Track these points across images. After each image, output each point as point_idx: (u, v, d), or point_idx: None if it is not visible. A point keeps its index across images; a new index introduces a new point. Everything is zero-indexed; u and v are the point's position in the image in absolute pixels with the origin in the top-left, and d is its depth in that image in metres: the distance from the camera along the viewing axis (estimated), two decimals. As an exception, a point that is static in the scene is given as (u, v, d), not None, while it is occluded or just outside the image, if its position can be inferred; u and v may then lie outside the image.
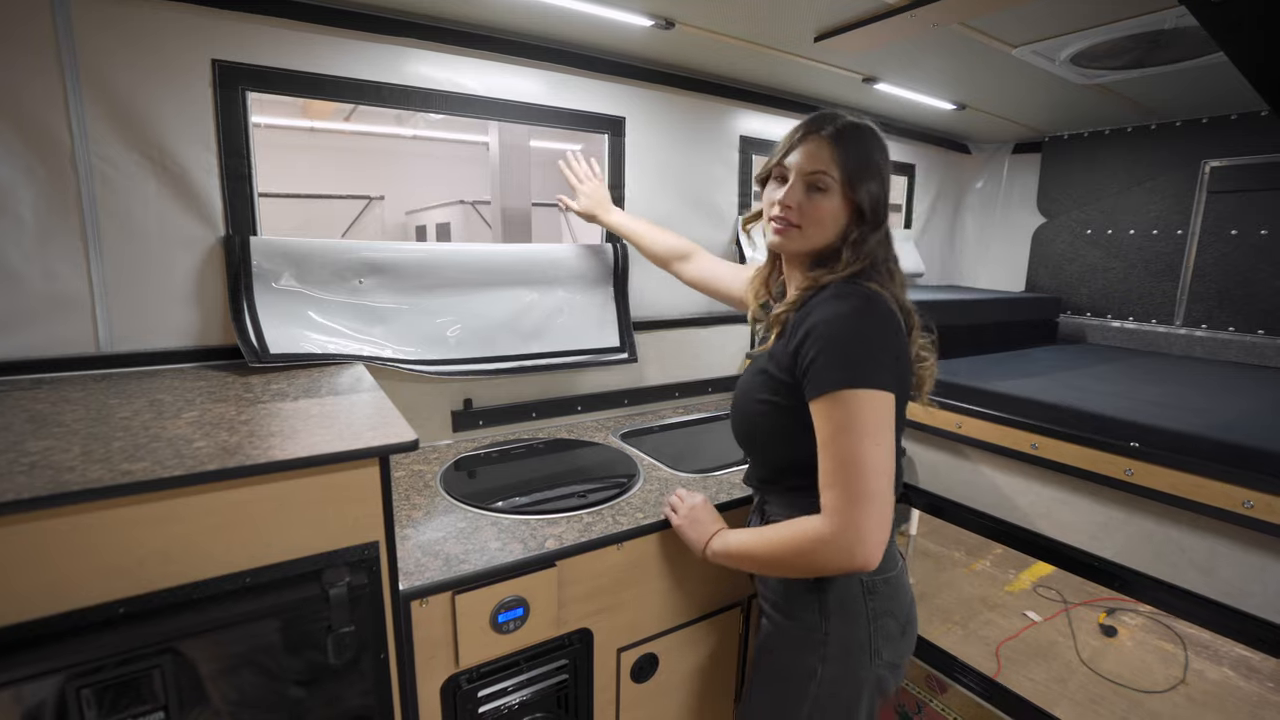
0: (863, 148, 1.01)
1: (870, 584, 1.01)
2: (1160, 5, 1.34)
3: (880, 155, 1.02)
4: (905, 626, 1.04)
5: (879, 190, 1.00)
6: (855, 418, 0.88)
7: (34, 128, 1.17)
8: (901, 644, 1.04)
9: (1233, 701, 2.19)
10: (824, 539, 0.90)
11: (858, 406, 0.88)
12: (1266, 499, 1.16)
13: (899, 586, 1.04)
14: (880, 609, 1.01)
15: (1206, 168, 2.21)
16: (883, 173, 1.02)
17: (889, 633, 1.02)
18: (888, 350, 0.93)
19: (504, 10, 1.46)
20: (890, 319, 0.96)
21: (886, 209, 1.02)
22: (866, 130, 1.02)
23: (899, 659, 1.04)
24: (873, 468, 0.87)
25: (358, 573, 0.92)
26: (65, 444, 0.86)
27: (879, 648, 1.01)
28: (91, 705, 0.75)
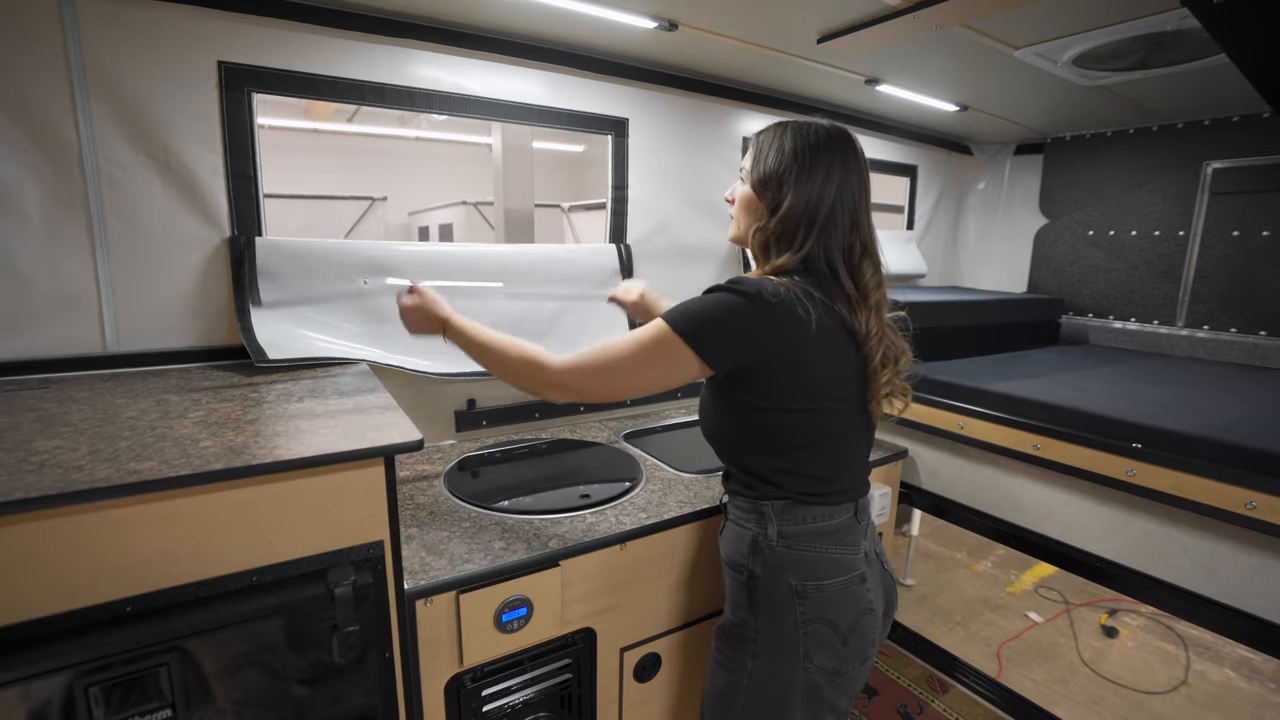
0: (766, 143, 1.04)
1: (800, 588, 1.01)
2: (1162, 7, 1.34)
3: (783, 153, 1.01)
4: (849, 636, 1.01)
5: (780, 185, 1.01)
6: (651, 338, 0.96)
7: (41, 127, 1.18)
8: (844, 652, 1.01)
9: (1234, 702, 2.19)
10: (543, 367, 1.01)
11: (662, 344, 0.96)
12: (1269, 500, 1.17)
13: (843, 595, 1.02)
14: (811, 614, 1.00)
15: (1208, 169, 2.21)
16: (780, 167, 1.01)
17: (822, 639, 1.00)
18: (732, 329, 0.95)
19: (507, 12, 1.47)
20: (753, 306, 0.94)
21: (802, 205, 0.99)
22: (791, 127, 1.03)
23: (840, 667, 1.01)
24: (619, 371, 0.98)
25: (363, 572, 0.93)
26: (73, 443, 0.87)
27: (809, 651, 1.00)
28: (100, 703, 0.76)
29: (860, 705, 2.04)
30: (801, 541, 1.02)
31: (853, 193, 1.01)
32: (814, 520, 1.03)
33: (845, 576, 1.03)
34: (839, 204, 1.00)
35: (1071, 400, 1.52)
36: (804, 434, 1.01)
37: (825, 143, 1.01)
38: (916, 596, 2.78)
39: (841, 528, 1.04)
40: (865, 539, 1.07)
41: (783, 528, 1.03)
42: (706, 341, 0.95)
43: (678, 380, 0.99)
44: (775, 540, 1.03)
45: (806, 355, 0.96)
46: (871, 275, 1.02)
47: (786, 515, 1.03)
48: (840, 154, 1.01)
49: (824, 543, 1.03)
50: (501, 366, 1.07)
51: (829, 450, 1.03)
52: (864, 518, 1.08)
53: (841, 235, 1.00)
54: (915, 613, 2.65)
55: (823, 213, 0.99)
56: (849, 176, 1.01)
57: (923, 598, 2.78)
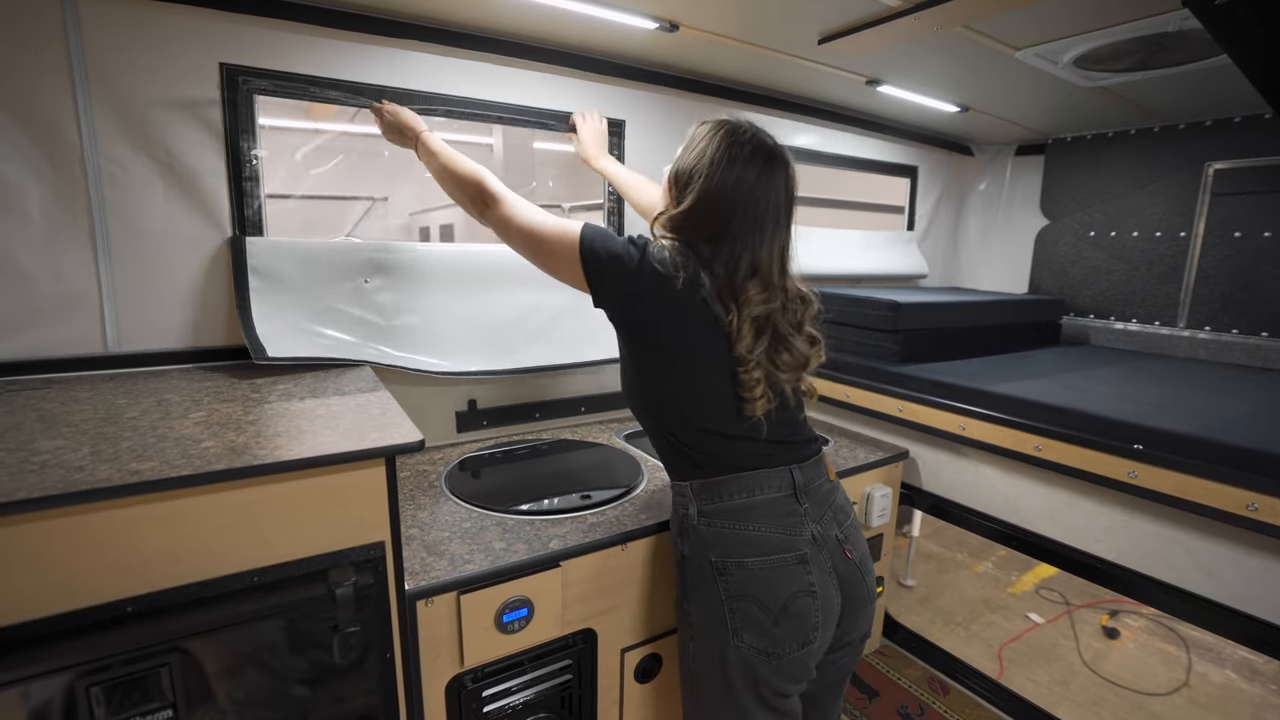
0: (700, 140, 1.07)
1: (720, 565, 1.03)
2: (1164, 8, 1.34)
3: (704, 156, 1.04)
4: (780, 616, 1.00)
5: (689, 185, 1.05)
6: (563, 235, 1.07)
7: (43, 127, 1.18)
8: (775, 632, 1.00)
9: (1235, 704, 2.18)
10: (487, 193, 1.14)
11: (571, 237, 1.06)
12: (1270, 501, 1.16)
13: (771, 573, 1.02)
14: (735, 591, 1.02)
15: (1210, 170, 2.21)
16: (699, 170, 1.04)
17: (750, 617, 1.01)
18: (616, 265, 1.04)
19: (508, 13, 1.47)
20: (641, 253, 1.04)
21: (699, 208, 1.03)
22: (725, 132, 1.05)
23: (773, 648, 1.01)
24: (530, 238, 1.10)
25: (364, 572, 0.93)
26: (75, 443, 0.87)
27: (738, 629, 1.01)
28: (101, 703, 0.76)
29: (861, 706, 2.04)
30: (720, 519, 1.05)
31: (758, 213, 1.01)
32: (730, 498, 1.05)
33: (773, 555, 1.02)
34: (740, 221, 1.01)
35: (1073, 401, 1.52)
36: (680, 385, 1.05)
37: (749, 158, 1.01)
38: (917, 598, 2.78)
39: (766, 505, 1.05)
40: (815, 522, 1.06)
41: (702, 506, 1.06)
42: (593, 264, 1.04)
43: (564, 276, 1.09)
44: (696, 519, 1.06)
45: (669, 310, 1.02)
46: (756, 294, 1.02)
47: (704, 494, 1.06)
48: (760, 173, 1.02)
49: (744, 520, 1.04)
50: (453, 179, 1.20)
51: (716, 414, 1.05)
52: (810, 501, 1.07)
53: (732, 249, 1.02)
54: (916, 614, 2.65)
55: (719, 222, 1.02)
56: (765, 196, 1.02)
57: (924, 599, 2.77)
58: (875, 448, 1.82)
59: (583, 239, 1.05)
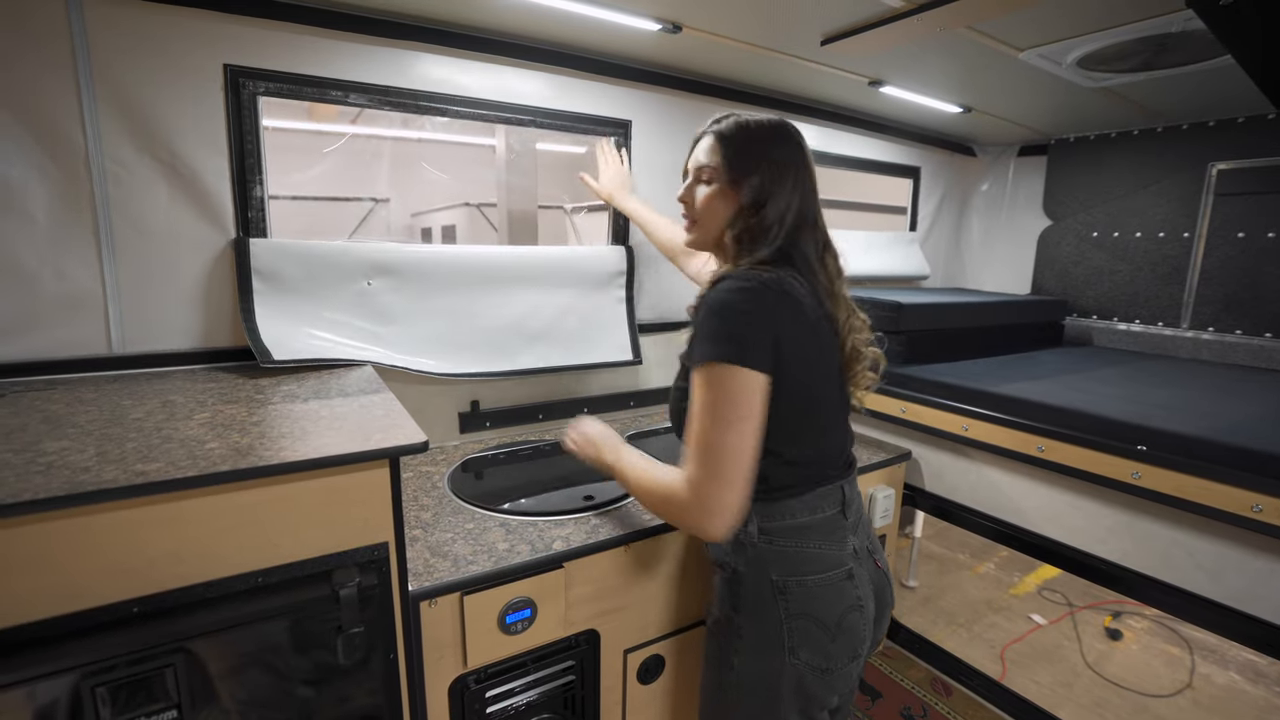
0: (743, 141, 1.04)
1: (782, 584, 1.01)
2: (1168, 9, 1.34)
3: (764, 147, 1.03)
4: (835, 633, 1.01)
5: (763, 180, 1.02)
6: (721, 397, 0.90)
7: (47, 128, 1.19)
8: (831, 648, 1.01)
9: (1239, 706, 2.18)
10: (679, 503, 0.95)
11: (724, 385, 0.90)
12: (1275, 503, 1.16)
13: (828, 591, 1.01)
14: (795, 610, 1.00)
15: (1213, 170, 2.21)
16: (764, 162, 1.02)
17: (808, 634, 1.00)
18: (766, 330, 0.92)
19: (511, 14, 1.47)
20: (777, 301, 0.94)
21: (780, 197, 1.02)
22: (749, 127, 1.05)
23: (828, 663, 1.01)
24: (730, 452, 0.90)
25: (368, 573, 0.93)
26: (80, 445, 0.87)
27: (795, 647, 1.00)
28: (106, 703, 0.76)
29: (864, 707, 2.04)
30: (782, 537, 1.03)
31: (813, 188, 1.06)
32: (794, 516, 1.03)
33: (829, 572, 1.02)
34: (805, 200, 1.04)
35: (1076, 402, 1.52)
36: (802, 421, 1.01)
37: (786, 138, 1.05)
38: (920, 599, 2.78)
39: (824, 523, 1.04)
40: (854, 535, 1.07)
41: (763, 524, 1.04)
42: (753, 351, 0.90)
43: (764, 410, 0.92)
44: (756, 536, 1.04)
45: (810, 341, 0.98)
46: (833, 265, 1.06)
47: (766, 512, 1.03)
48: (800, 149, 1.05)
49: (806, 538, 1.03)
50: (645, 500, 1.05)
51: (818, 438, 1.04)
52: (852, 514, 1.07)
53: (810, 230, 1.04)
54: (919, 615, 2.65)
55: (793, 209, 1.02)
56: (807, 172, 1.05)
57: (926, 600, 2.77)
58: (878, 448, 1.82)
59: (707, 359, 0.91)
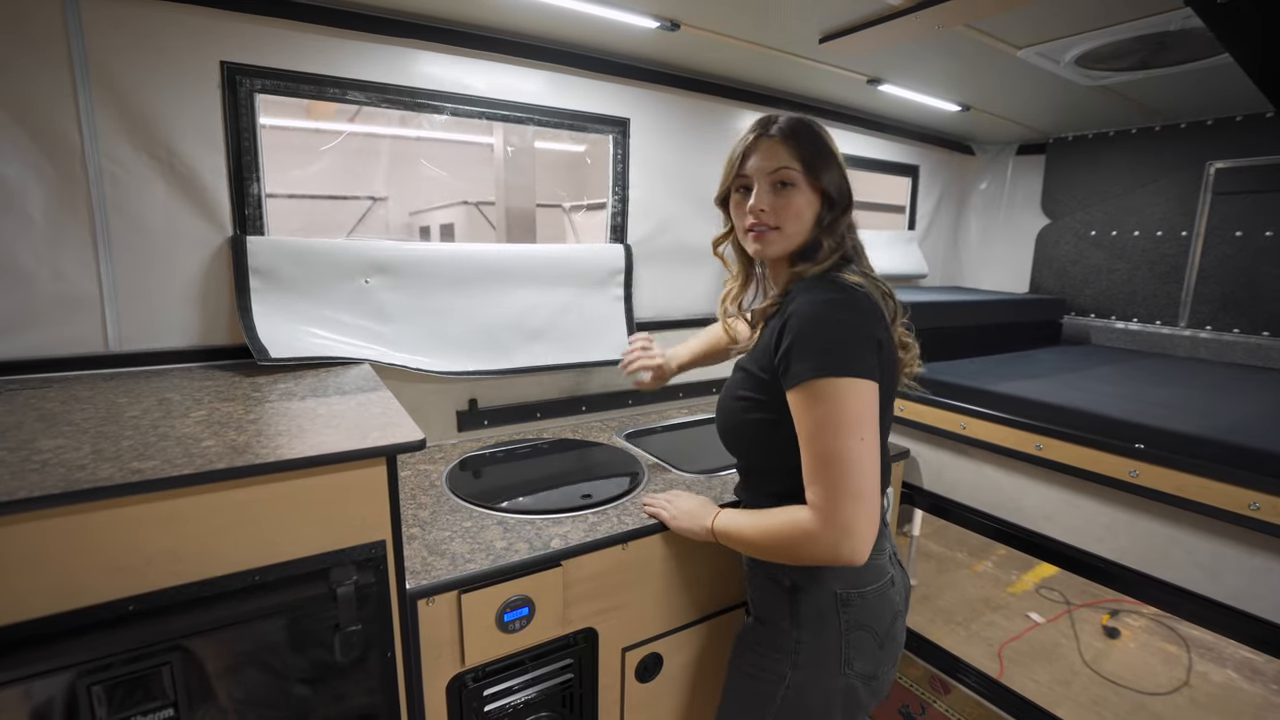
0: (813, 137, 1.03)
1: (845, 596, 1.00)
2: (1166, 7, 1.34)
3: (831, 142, 1.05)
4: (884, 640, 1.02)
5: (839, 174, 1.03)
6: (836, 410, 0.85)
7: (44, 127, 1.18)
8: (880, 656, 1.02)
9: (1236, 704, 2.18)
10: (811, 535, 0.89)
11: (838, 397, 0.85)
12: (1272, 501, 1.16)
13: (880, 600, 1.02)
14: (855, 622, 1.00)
15: (1211, 169, 2.21)
16: (837, 157, 1.04)
17: (863, 645, 1.00)
18: (869, 338, 0.90)
19: (510, 12, 1.47)
20: (871, 308, 0.94)
21: (850, 192, 1.05)
22: (811, 122, 1.05)
23: (875, 670, 1.02)
24: (856, 464, 0.85)
25: (365, 571, 0.93)
26: (76, 442, 0.87)
27: (850, 658, 1.00)
28: (102, 702, 0.76)
29: (861, 706, 2.04)
30: None
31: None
32: None
33: (880, 582, 1.02)
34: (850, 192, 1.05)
35: (1074, 401, 1.52)
36: (882, 433, 0.98)
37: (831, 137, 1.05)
38: (918, 597, 2.78)
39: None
40: (888, 540, 1.07)
41: None
42: (863, 362, 0.87)
43: (877, 417, 0.89)
44: None
45: (889, 344, 0.97)
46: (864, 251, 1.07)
47: None
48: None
49: None
50: (770, 551, 0.99)
51: (884, 432, 0.99)
52: (883, 520, 1.05)
53: (852, 220, 1.05)
54: (917, 613, 2.65)
55: (849, 201, 1.04)
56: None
57: (924, 598, 2.77)
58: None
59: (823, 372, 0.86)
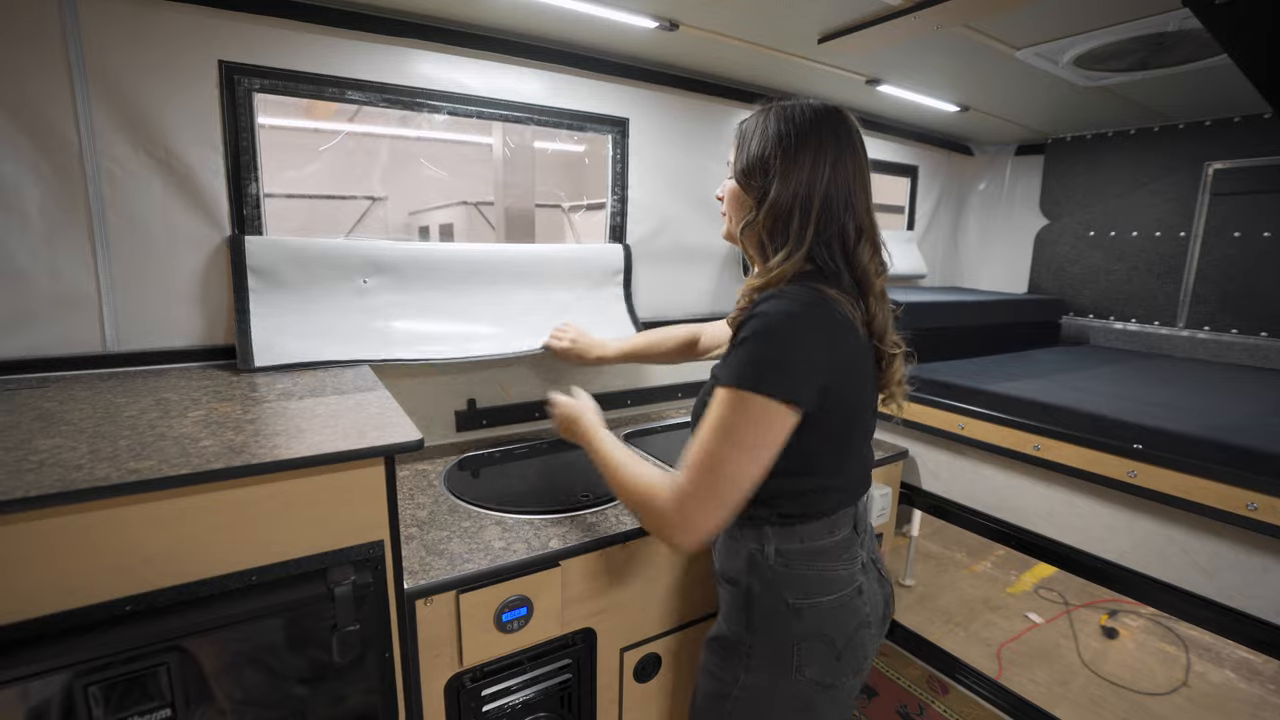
0: (755, 128, 0.97)
1: (796, 606, 0.98)
2: (1164, 7, 1.34)
3: (768, 137, 0.95)
4: (843, 651, 0.99)
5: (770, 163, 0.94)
6: (738, 422, 0.85)
7: (41, 126, 1.18)
8: (837, 666, 0.99)
9: (1234, 704, 2.18)
10: (658, 508, 0.90)
11: (745, 411, 0.85)
12: (1270, 501, 1.16)
13: (840, 610, 0.99)
14: (807, 631, 0.98)
15: (1209, 170, 2.21)
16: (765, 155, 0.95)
17: (816, 654, 0.98)
18: (812, 361, 0.86)
19: (508, 12, 1.47)
20: (831, 328, 0.88)
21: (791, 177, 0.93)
22: (775, 110, 0.97)
23: (834, 680, 0.99)
24: (733, 476, 0.86)
25: (363, 571, 0.93)
26: (73, 442, 0.87)
27: (801, 665, 0.98)
28: (99, 702, 0.76)
29: (860, 706, 2.04)
30: (800, 560, 0.99)
31: (846, 174, 0.94)
32: (812, 539, 0.99)
33: (842, 592, 1.00)
34: (832, 187, 0.93)
35: (1072, 401, 1.52)
36: (845, 450, 0.98)
37: (812, 123, 0.94)
38: (916, 597, 2.78)
39: (840, 544, 1.01)
40: (863, 549, 1.05)
41: (780, 545, 1.00)
42: (788, 384, 0.84)
43: (782, 442, 0.87)
44: (773, 558, 1.00)
45: (859, 368, 0.93)
46: (870, 259, 0.95)
47: (784, 535, 0.99)
48: (831, 133, 0.94)
49: (821, 560, 1.00)
50: (621, 493, 1.00)
51: (853, 464, 1.00)
52: (862, 529, 1.05)
53: (837, 221, 0.93)
54: (915, 613, 2.65)
55: (816, 199, 0.92)
56: (842, 157, 0.93)
57: (922, 598, 2.77)
58: (875, 447, 1.82)
59: (735, 383, 0.85)
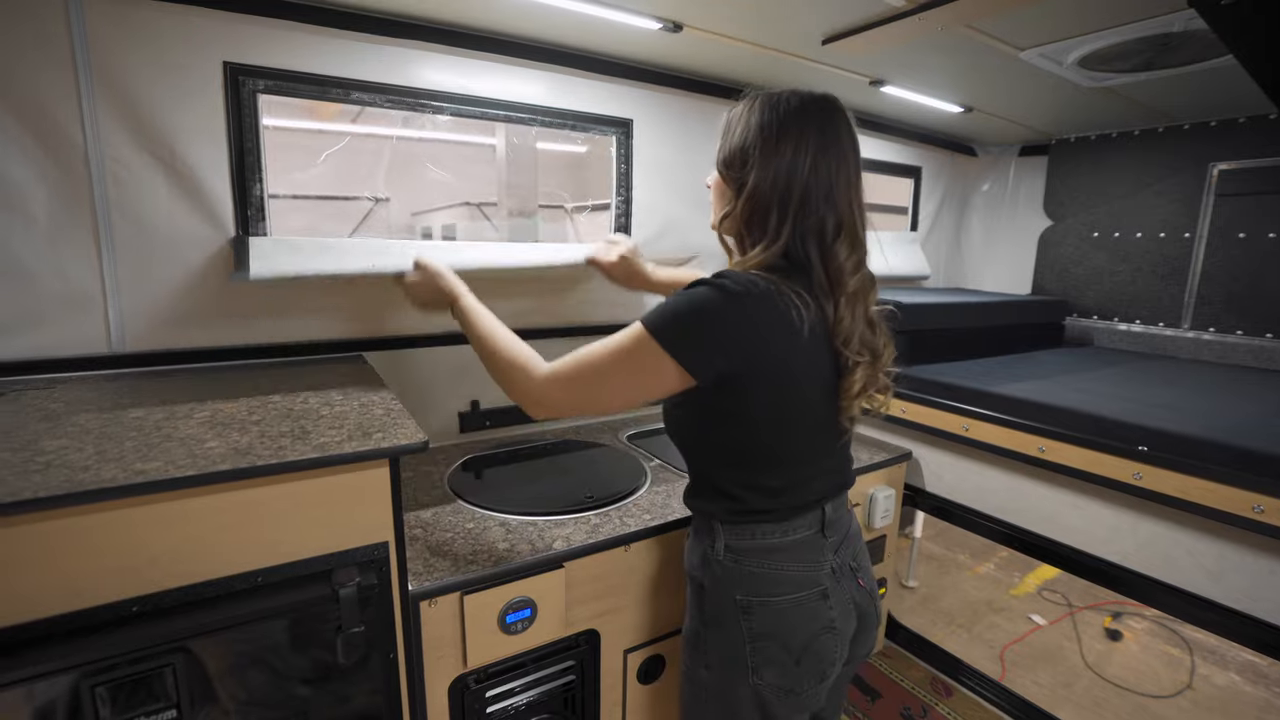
0: (740, 118, 0.97)
1: (746, 604, 0.97)
2: (1169, 8, 1.33)
3: (750, 127, 0.94)
4: (801, 656, 0.96)
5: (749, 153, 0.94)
6: (630, 351, 0.90)
7: (47, 127, 1.18)
8: (796, 671, 0.97)
9: (1239, 707, 2.18)
10: (524, 380, 0.97)
11: (638, 347, 0.89)
12: (1276, 503, 1.16)
13: (795, 612, 0.97)
14: (758, 630, 0.97)
15: (1214, 171, 2.20)
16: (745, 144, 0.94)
17: (770, 655, 0.96)
18: (720, 343, 0.87)
19: (512, 14, 1.47)
20: (762, 321, 0.87)
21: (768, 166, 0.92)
22: (761, 99, 0.96)
23: (793, 685, 0.97)
24: (597, 386, 0.93)
25: (367, 573, 0.93)
26: (79, 443, 0.87)
27: (758, 667, 0.97)
28: (105, 703, 0.76)
29: (863, 708, 2.04)
30: (750, 557, 0.98)
31: (829, 167, 0.91)
32: (765, 536, 0.98)
33: (800, 593, 0.98)
34: (814, 179, 0.90)
35: (1076, 402, 1.52)
36: (779, 449, 0.96)
37: (796, 112, 0.92)
38: (919, 599, 2.78)
39: (798, 544, 0.99)
40: (834, 553, 1.02)
41: (730, 542, 0.99)
42: (687, 348, 0.87)
43: (660, 392, 0.91)
44: (723, 555, 1.00)
45: (794, 367, 0.90)
46: (848, 257, 0.92)
47: (735, 531, 0.99)
48: (815, 124, 0.92)
49: (775, 559, 0.98)
50: (491, 361, 1.04)
51: (796, 464, 0.98)
52: (834, 533, 1.02)
53: (815, 214, 0.91)
54: (918, 615, 2.65)
55: (795, 191, 0.91)
56: (826, 148, 0.91)
57: (926, 600, 2.77)
58: (878, 449, 1.82)
59: (648, 326, 0.88)
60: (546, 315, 1.82)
